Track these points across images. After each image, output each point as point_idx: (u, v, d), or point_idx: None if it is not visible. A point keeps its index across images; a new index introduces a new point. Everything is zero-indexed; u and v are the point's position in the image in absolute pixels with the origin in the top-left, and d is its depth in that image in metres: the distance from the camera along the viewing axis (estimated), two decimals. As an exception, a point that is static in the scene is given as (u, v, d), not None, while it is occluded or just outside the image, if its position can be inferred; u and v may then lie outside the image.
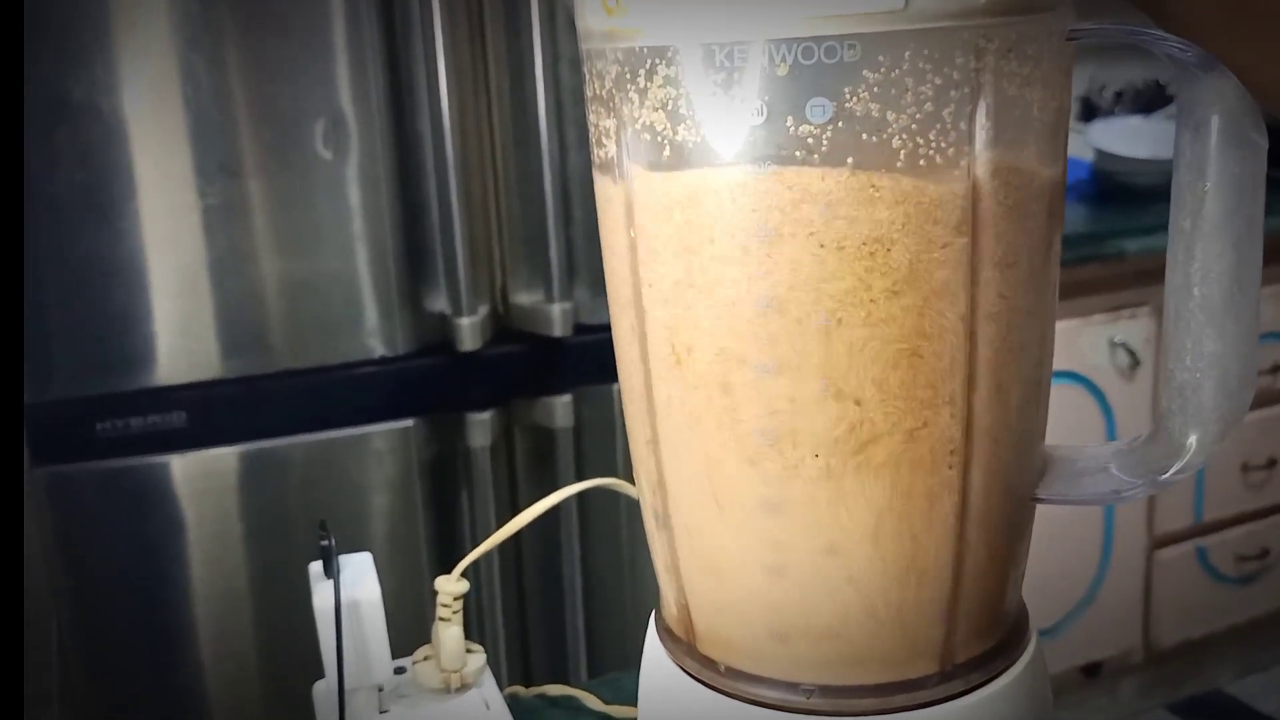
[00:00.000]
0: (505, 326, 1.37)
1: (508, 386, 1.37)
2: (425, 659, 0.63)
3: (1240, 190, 0.34)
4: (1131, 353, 1.72)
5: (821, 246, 0.33)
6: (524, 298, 1.36)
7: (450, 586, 0.62)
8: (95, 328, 1.20)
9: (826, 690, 0.38)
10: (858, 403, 0.35)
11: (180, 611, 1.28)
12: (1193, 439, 0.36)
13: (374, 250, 1.27)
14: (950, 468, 0.36)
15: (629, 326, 0.39)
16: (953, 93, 0.32)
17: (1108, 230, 1.70)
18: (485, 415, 1.35)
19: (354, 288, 1.27)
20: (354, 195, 1.25)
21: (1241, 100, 0.33)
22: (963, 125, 0.33)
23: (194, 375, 1.23)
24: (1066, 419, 1.68)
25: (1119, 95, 2.15)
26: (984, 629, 0.39)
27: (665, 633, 0.43)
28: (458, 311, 1.30)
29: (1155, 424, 0.38)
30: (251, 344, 1.25)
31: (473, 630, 1.44)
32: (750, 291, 0.34)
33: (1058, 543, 1.73)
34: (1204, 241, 0.35)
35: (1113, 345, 1.71)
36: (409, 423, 1.32)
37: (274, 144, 1.21)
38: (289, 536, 1.29)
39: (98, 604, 1.27)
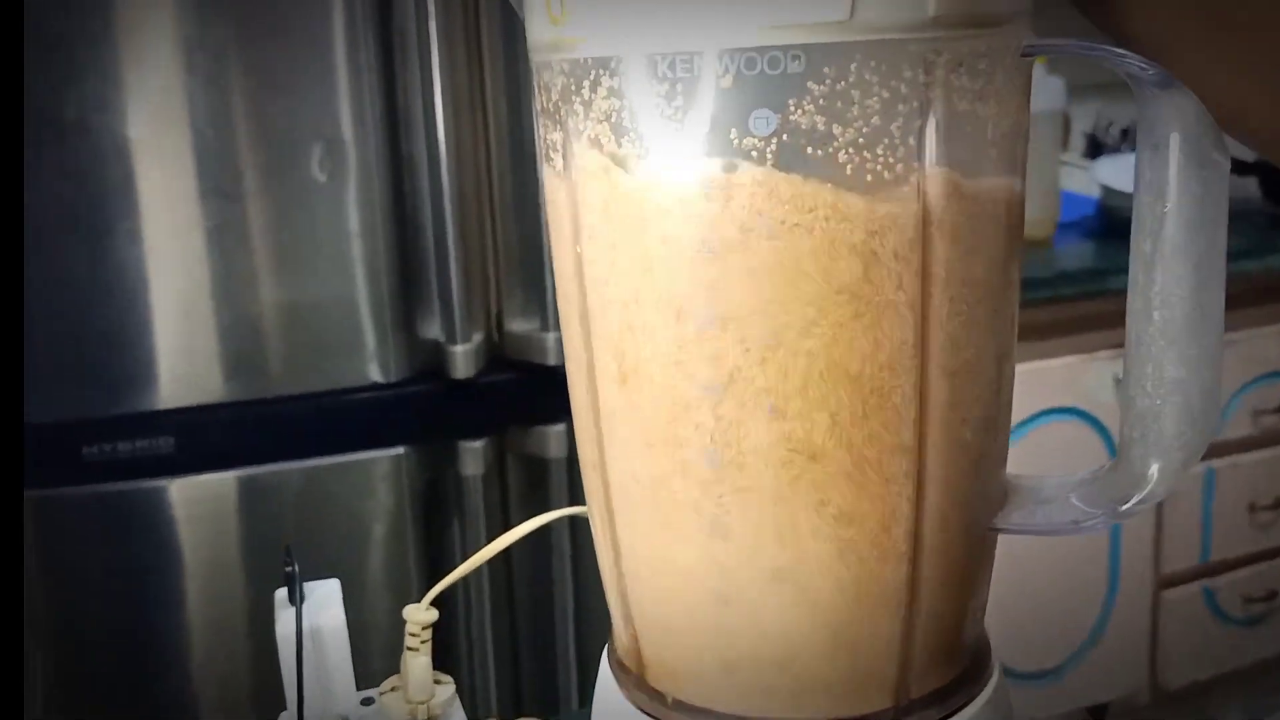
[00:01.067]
0: (499, 354, 1.35)
1: (501, 415, 1.36)
2: (392, 690, 0.62)
3: (1201, 211, 0.33)
4: (1136, 389, 1.70)
5: (766, 263, 0.32)
6: (518, 325, 1.35)
7: (418, 615, 0.60)
8: (84, 349, 1.19)
9: (775, 724, 0.37)
10: (805, 425, 0.33)
11: (169, 639, 1.27)
12: (1154, 468, 0.35)
13: (368, 275, 1.26)
14: (902, 494, 0.34)
15: (577, 345, 0.38)
16: (901, 106, 0.32)
17: (1113, 266, 1.69)
18: (478, 444, 1.34)
19: (348, 313, 1.26)
20: (349, 219, 1.24)
21: (1201, 119, 0.32)
22: (911, 140, 0.32)
23: (184, 399, 1.22)
24: (1071, 454, 1.66)
25: (1125, 132, 2.15)
26: (941, 662, 0.38)
27: (617, 664, 0.42)
28: (451, 338, 1.29)
29: (1118, 453, 0.37)
30: (242, 368, 1.24)
31: (462, 659, 1.41)
32: (693, 309, 0.33)
33: (1062, 583, 1.70)
34: (1164, 264, 0.34)
35: (1117, 381, 1.70)
36: (401, 450, 1.31)
37: (269, 167, 1.21)
38: (278, 564, 1.27)
39: (83, 630, 1.26)
